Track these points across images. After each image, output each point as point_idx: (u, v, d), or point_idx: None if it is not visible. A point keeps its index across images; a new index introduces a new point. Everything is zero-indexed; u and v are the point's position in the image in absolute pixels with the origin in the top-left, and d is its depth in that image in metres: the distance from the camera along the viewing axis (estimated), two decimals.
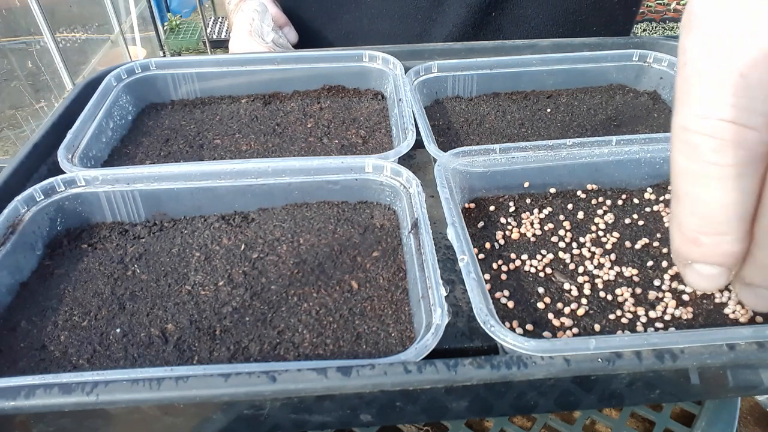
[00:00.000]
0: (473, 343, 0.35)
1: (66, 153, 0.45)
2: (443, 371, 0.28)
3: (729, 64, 0.24)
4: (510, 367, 0.28)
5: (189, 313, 0.36)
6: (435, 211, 0.43)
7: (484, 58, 0.58)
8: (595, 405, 0.34)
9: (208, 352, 0.33)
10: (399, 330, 0.34)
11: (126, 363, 0.33)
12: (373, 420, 0.31)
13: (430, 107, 0.56)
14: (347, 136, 0.53)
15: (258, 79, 0.59)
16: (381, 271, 0.39)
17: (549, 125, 0.54)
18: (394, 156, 0.44)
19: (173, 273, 0.39)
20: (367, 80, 0.60)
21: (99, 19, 2.88)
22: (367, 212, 0.44)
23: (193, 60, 0.59)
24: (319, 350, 0.33)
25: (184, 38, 3.52)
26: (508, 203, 0.44)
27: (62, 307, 0.37)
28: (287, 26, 0.75)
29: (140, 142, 0.53)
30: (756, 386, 0.32)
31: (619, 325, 0.34)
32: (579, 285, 0.37)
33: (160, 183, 0.43)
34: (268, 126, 0.55)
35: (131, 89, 0.57)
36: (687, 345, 0.29)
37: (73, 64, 2.53)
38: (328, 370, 0.28)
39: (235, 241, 0.42)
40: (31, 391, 0.27)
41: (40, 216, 0.41)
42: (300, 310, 0.36)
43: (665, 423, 0.39)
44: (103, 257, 0.41)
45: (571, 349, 0.28)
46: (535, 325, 0.34)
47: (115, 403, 0.27)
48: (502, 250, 0.40)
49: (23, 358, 0.33)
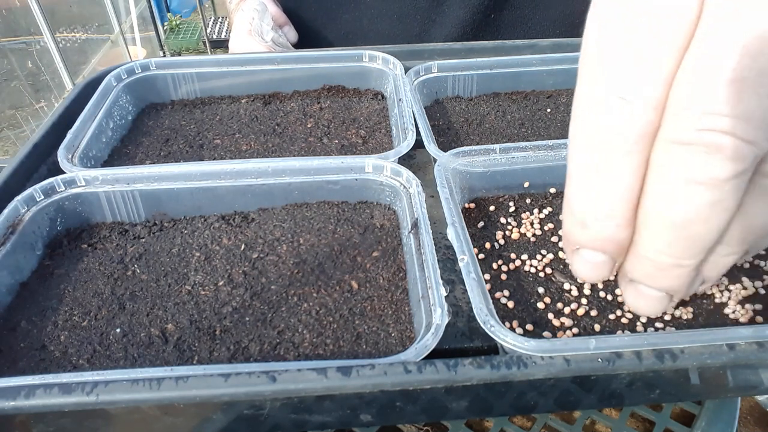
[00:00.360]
0: (473, 343, 0.35)
1: (66, 153, 0.45)
2: (443, 371, 0.28)
3: (608, 41, 0.24)
4: (510, 367, 0.28)
5: (189, 313, 0.36)
6: (435, 211, 0.43)
7: (484, 58, 0.58)
8: (595, 405, 0.34)
9: (208, 352, 0.33)
10: (399, 330, 0.35)
11: (126, 363, 0.33)
12: (373, 420, 0.31)
13: (430, 107, 0.56)
14: (347, 136, 0.53)
15: (258, 79, 0.59)
16: (381, 271, 0.39)
17: (549, 125, 0.54)
18: (394, 156, 0.44)
19: (173, 273, 0.39)
20: (367, 80, 0.60)
21: (99, 19, 2.89)
22: (367, 212, 0.44)
23: (193, 60, 0.59)
24: (319, 350, 0.33)
25: (184, 38, 3.52)
26: (508, 203, 0.44)
27: (62, 307, 0.37)
28: (287, 26, 0.75)
29: (140, 142, 0.53)
30: (756, 386, 0.32)
31: (619, 325, 0.34)
32: (579, 285, 0.37)
33: (160, 183, 0.43)
34: (268, 126, 0.55)
35: (131, 89, 0.57)
36: (687, 345, 0.29)
37: (73, 64, 2.53)
38: (328, 370, 0.28)
39: (235, 241, 0.42)
40: (31, 391, 0.27)
41: (40, 216, 0.41)
42: (300, 310, 0.36)
43: (665, 423, 0.39)
44: (103, 257, 0.41)
45: (571, 349, 0.28)
46: (535, 325, 0.34)
47: (115, 403, 0.27)
48: (502, 250, 0.40)
49: (23, 358, 0.33)
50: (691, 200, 0.23)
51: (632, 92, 0.23)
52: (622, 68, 0.24)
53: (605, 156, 0.25)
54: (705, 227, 0.24)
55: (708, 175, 0.23)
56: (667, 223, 0.24)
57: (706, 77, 0.22)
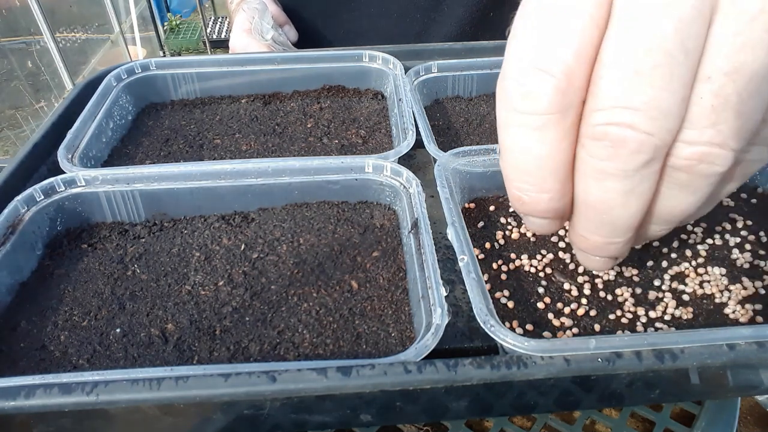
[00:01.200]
0: (473, 343, 0.35)
1: (66, 153, 0.45)
2: (443, 371, 0.28)
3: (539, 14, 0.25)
4: (510, 367, 0.28)
5: (189, 313, 0.36)
6: (435, 211, 0.43)
7: (484, 58, 0.58)
8: (595, 405, 0.34)
9: (208, 352, 0.33)
10: (399, 330, 0.35)
11: (126, 363, 0.33)
12: (373, 420, 0.31)
13: (430, 107, 0.56)
14: (347, 136, 0.53)
15: (258, 79, 0.59)
16: (381, 271, 0.39)
17: None
18: (394, 156, 0.44)
19: (173, 273, 0.39)
20: (367, 80, 0.60)
21: (99, 19, 2.89)
22: (367, 212, 0.44)
23: (193, 60, 0.59)
24: (319, 350, 0.33)
25: (184, 38, 3.52)
26: (508, 203, 0.44)
27: (62, 307, 0.37)
28: (287, 25, 0.75)
29: (140, 142, 0.53)
30: (756, 386, 0.32)
31: (619, 325, 0.34)
32: (579, 285, 0.37)
33: (160, 183, 0.43)
34: (268, 126, 0.55)
35: (131, 89, 0.57)
36: (687, 345, 0.29)
37: (73, 64, 2.53)
38: (328, 370, 0.28)
39: (235, 241, 0.42)
40: (31, 391, 0.27)
41: (40, 216, 0.41)
42: (300, 310, 0.36)
43: (665, 423, 0.39)
44: (103, 257, 0.41)
45: (571, 349, 0.28)
46: (535, 325, 0.34)
47: (115, 403, 0.27)
48: (502, 250, 0.40)
49: (23, 358, 0.33)
50: (605, 190, 0.26)
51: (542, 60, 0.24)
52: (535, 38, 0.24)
53: (524, 129, 0.26)
54: (623, 212, 0.26)
55: (616, 167, 0.24)
56: (590, 208, 0.27)
57: (609, 73, 0.23)
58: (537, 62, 0.24)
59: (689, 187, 0.26)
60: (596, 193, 0.26)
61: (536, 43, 0.24)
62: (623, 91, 0.23)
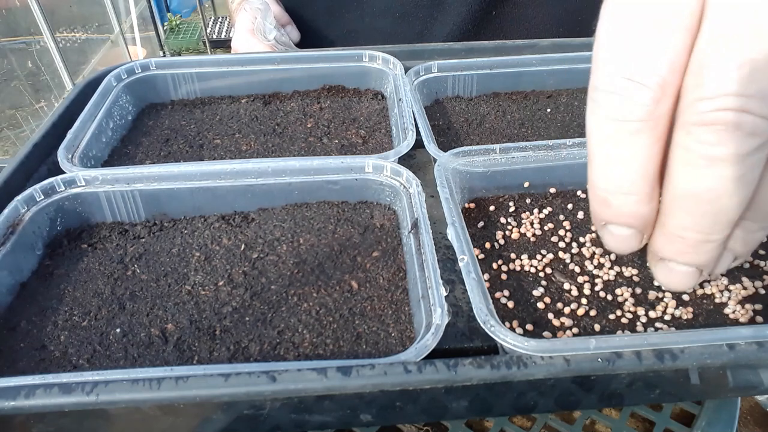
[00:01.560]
0: (473, 343, 0.35)
1: (66, 153, 0.45)
2: (443, 371, 0.28)
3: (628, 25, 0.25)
4: (510, 367, 0.28)
5: (189, 313, 0.36)
6: (435, 211, 0.43)
7: (484, 58, 0.58)
8: (595, 405, 0.34)
9: (208, 352, 0.33)
10: (399, 330, 0.35)
11: (126, 363, 0.33)
12: (373, 420, 0.31)
13: (430, 107, 0.56)
14: (347, 136, 0.53)
15: (258, 79, 0.59)
16: (381, 271, 0.39)
17: (549, 125, 0.54)
18: (394, 156, 0.44)
19: (173, 273, 0.39)
20: (367, 80, 0.60)
21: (99, 19, 2.88)
22: (367, 212, 0.44)
23: (193, 60, 0.59)
24: (319, 350, 0.33)
25: (184, 38, 3.51)
26: (508, 203, 0.44)
27: (62, 307, 0.37)
28: (289, 24, 0.75)
29: (140, 142, 0.53)
30: (756, 386, 0.32)
31: (619, 325, 0.34)
32: (579, 285, 0.37)
33: (160, 183, 0.43)
34: (268, 126, 0.55)
35: (131, 89, 0.57)
36: (687, 345, 0.29)
37: (73, 64, 2.53)
38: (328, 370, 0.28)
39: (235, 241, 0.42)
40: (31, 391, 0.27)
41: (40, 216, 0.41)
42: (300, 310, 0.36)
43: (665, 423, 0.39)
44: (103, 257, 0.41)
45: (571, 349, 0.28)
46: (535, 325, 0.34)
47: (115, 403, 0.27)
48: (502, 250, 0.40)
49: (23, 358, 0.33)
50: (715, 176, 0.25)
51: (637, 73, 0.25)
52: (627, 50, 0.25)
53: (616, 136, 0.26)
54: (729, 201, 0.25)
55: (730, 151, 0.24)
56: (693, 199, 0.26)
57: (720, 59, 0.23)
58: (632, 75, 0.25)
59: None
60: (703, 181, 0.25)
61: (629, 56, 0.25)
62: (733, 80, 0.23)
